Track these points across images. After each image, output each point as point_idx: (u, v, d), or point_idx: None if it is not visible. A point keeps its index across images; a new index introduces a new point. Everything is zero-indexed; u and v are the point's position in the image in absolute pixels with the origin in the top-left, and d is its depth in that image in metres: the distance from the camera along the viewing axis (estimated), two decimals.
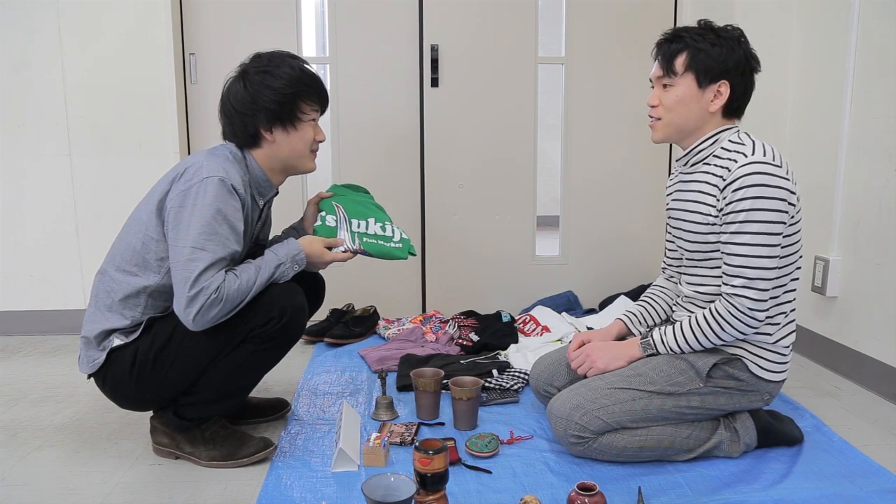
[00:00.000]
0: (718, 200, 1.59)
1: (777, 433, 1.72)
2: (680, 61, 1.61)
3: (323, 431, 1.86)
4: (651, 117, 1.68)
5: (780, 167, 1.53)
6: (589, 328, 2.52)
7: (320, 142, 1.76)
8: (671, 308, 1.87)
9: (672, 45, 1.62)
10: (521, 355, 2.33)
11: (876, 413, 2.01)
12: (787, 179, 1.54)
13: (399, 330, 2.68)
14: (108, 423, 1.93)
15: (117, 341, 1.61)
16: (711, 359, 1.63)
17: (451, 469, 1.44)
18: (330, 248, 1.75)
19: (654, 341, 1.69)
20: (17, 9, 2.64)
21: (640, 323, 1.87)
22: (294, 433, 1.85)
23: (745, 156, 1.55)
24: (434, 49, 2.85)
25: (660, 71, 1.65)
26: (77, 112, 2.71)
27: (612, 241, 3.08)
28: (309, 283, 1.84)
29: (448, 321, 2.74)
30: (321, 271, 1.85)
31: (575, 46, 2.92)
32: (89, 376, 1.68)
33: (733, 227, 1.55)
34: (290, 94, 1.65)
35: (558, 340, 2.47)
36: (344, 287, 2.97)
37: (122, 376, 1.62)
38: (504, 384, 2.09)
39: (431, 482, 1.35)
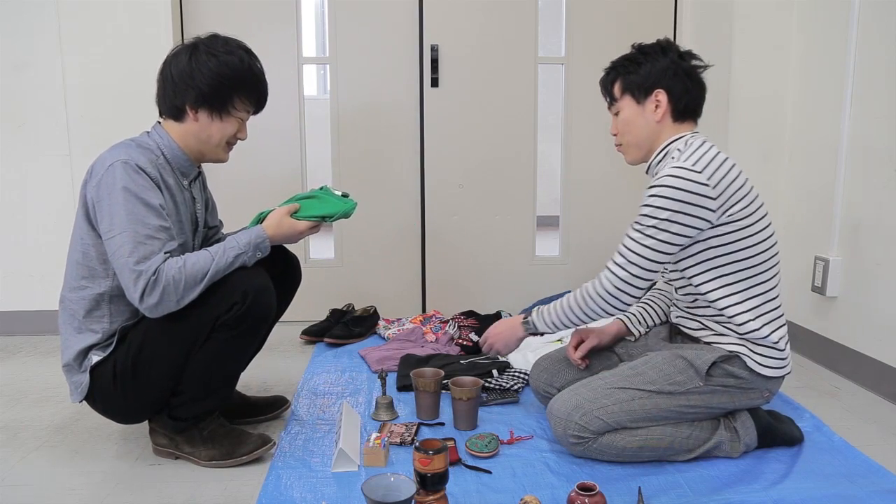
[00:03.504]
0: None
1: (777, 433, 1.72)
2: (616, 87, 1.73)
3: (323, 431, 1.86)
4: (617, 145, 1.79)
5: (700, 173, 1.55)
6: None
7: (240, 139, 1.74)
8: (670, 309, 1.87)
9: (608, 76, 1.76)
10: (521, 355, 2.33)
11: (876, 413, 2.01)
12: (705, 185, 1.55)
13: (399, 330, 2.67)
14: (108, 423, 1.92)
15: (95, 358, 1.62)
16: (710, 357, 1.63)
17: (451, 469, 1.44)
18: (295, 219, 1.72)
19: (532, 318, 1.77)
20: (17, 9, 2.64)
21: (639, 323, 1.88)
22: (294, 433, 1.85)
23: (673, 165, 1.59)
24: (434, 49, 2.85)
25: (607, 103, 1.78)
26: (77, 112, 2.71)
27: (612, 241, 3.05)
28: (283, 266, 1.84)
29: (448, 321, 2.74)
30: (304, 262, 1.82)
31: (575, 46, 2.92)
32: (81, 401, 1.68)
33: (637, 219, 1.61)
34: (227, 85, 1.63)
35: (558, 340, 2.46)
36: (344, 287, 2.97)
37: (109, 390, 1.62)
38: (504, 384, 2.09)
39: (431, 482, 1.35)
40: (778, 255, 1.67)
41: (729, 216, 1.58)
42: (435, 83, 2.88)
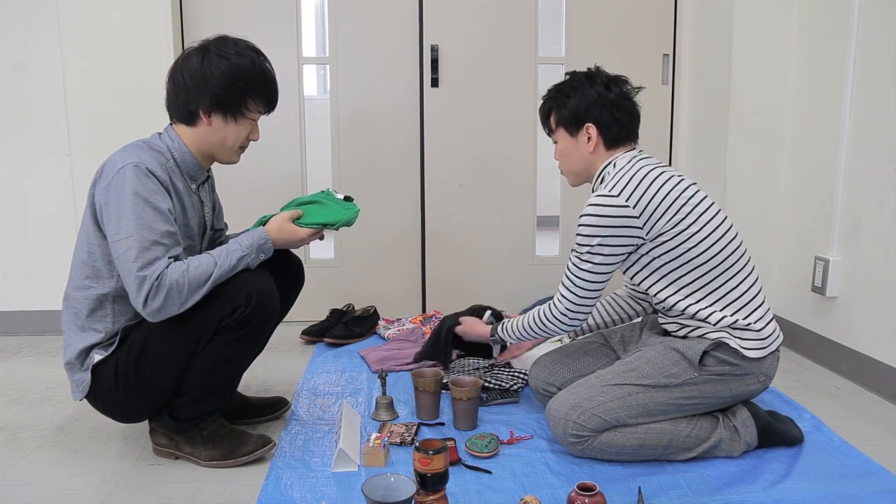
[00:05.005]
0: None
1: (777, 433, 1.72)
2: (552, 119, 1.80)
3: (323, 431, 1.86)
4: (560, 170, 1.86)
5: (618, 197, 1.62)
6: None
7: (253, 140, 1.74)
8: (609, 314, 2.01)
9: (543, 107, 1.82)
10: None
11: (876, 413, 2.01)
12: (625, 206, 1.61)
13: (399, 330, 2.68)
14: (108, 423, 1.92)
15: (97, 357, 1.61)
16: (701, 347, 1.65)
17: (451, 469, 1.44)
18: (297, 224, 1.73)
19: (498, 331, 1.93)
20: (17, 9, 2.64)
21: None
22: (294, 433, 1.85)
23: (596, 193, 1.66)
24: (434, 49, 2.85)
25: (545, 132, 1.85)
26: (77, 112, 2.71)
27: None
28: (286, 268, 1.85)
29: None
30: (305, 263, 1.84)
31: (575, 46, 2.92)
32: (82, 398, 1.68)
33: (574, 246, 1.69)
34: (241, 87, 1.63)
35: (558, 340, 2.47)
36: (344, 287, 2.97)
37: (110, 390, 1.62)
38: (504, 384, 2.09)
39: (431, 482, 1.35)
40: (735, 244, 1.67)
41: (661, 228, 1.62)
42: (435, 83, 2.88)
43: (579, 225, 1.66)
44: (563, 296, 1.72)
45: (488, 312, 2.07)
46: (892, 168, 2.09)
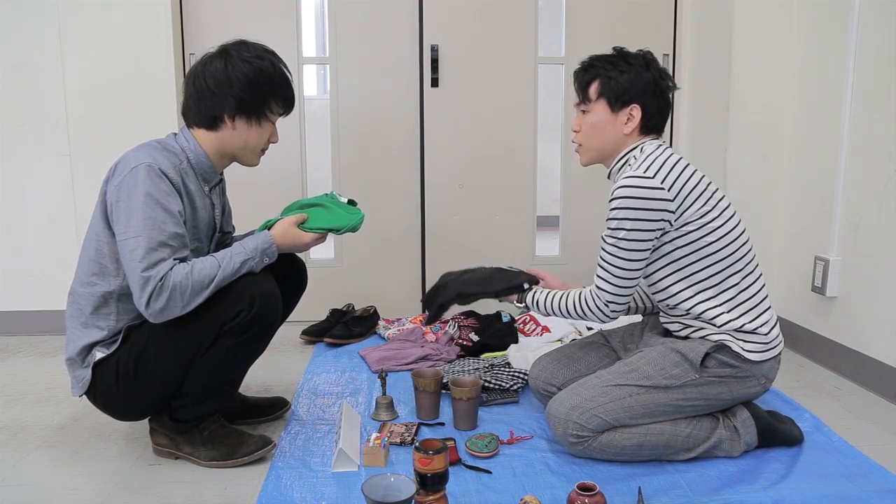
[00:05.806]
0: None
1: (777, 433, 1.72)
2: (593, 88, 1.72)
3: (323, 431, 1.86)
4: (574, 143, 1.79)
5: (653, 178, 1.60)
6: (589, 328, 2.52)
7: (273, 143, 1.75)
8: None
9: (586, 73, 1.74)
10: (521, 355, 2.33)
11: (876, 413, 2.01)
12: (660, 189, 1.59)
13: (399, 330, 2.68)
14: (108, 423, 1.93)
15: (99, 354, 1.61)
16: (703, 348, 1.65)
17: (451, 469, 1.44)
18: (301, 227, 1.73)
19: (526, 300, 1.81)
20: (17, 9, 2.64)
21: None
22: (294, 433, 1.85)
23: (626, 175, 1.63)
24: (434, 49, 2.85)
25: (577, 98, 1.77)
26: (77, 112, 2.70)
27: None
28: (289, 270, 1.85)
29: (448, 321, 2.73)
30: (306, 261, 1.84)
31: (575, 46, 2.92)
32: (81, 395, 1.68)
33: (606, 232, 1.66)
34: (265, 90, 1.64)
35: (558, 340, 2.47)
36: (344, 287, 2.97)
37: (110, 388, 1.62)
38: (504, 384, 2.09)
39: (431, 482, 1.35)
40: (748, 245, 1.68)
41: (689, 216, 1.62)
42: (435, 83, 2.88)
43: (612, 209, 1.62)
44: (601, 288, 1.67)
45: (527, 287, 1.84)
46: (892, 168, 2.09)
